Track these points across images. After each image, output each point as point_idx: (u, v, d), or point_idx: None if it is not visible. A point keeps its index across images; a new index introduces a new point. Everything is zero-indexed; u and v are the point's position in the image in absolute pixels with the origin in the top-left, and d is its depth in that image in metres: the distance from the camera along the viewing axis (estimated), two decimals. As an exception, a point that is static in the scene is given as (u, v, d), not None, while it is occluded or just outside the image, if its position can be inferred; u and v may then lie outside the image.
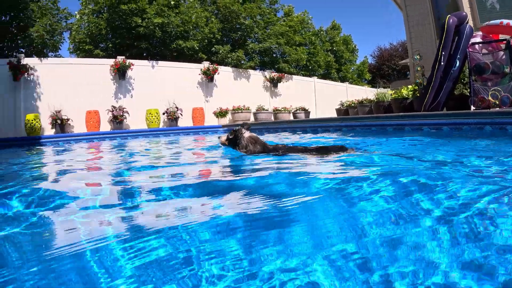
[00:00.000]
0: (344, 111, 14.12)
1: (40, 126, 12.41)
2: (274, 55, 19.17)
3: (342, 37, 25.84)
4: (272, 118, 16.40)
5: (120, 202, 2.06)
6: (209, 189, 2.32)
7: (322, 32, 24.64)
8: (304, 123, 11.41)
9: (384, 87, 22.66)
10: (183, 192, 2.19)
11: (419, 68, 9.57)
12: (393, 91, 9.96)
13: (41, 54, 15.55)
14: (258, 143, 3.46)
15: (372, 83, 28.86)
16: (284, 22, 20.81)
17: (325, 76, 22.92)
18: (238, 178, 2.75)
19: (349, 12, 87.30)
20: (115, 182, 2.87)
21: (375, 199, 1.76)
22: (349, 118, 10.44)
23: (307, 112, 17.31)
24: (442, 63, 7.46)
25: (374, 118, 8.36)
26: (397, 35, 63.25)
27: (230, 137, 3.57)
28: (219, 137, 3.91)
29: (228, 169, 3.28)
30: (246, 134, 3.49)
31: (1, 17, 15.31)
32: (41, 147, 10.07)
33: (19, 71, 12.51)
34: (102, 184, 2.77)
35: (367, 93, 21.31)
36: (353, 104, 13.03)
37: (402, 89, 9.39)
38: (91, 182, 2.91)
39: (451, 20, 7.44)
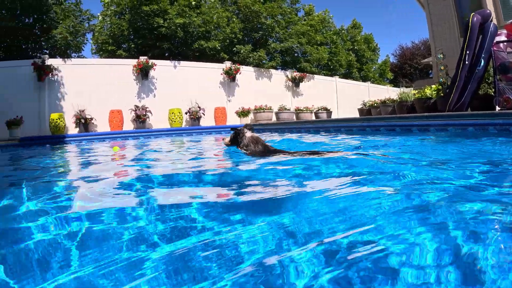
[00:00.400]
0: (367, 111, 13.81)
1: (64, 125, 12.58)
2: (296, 54, 18.94)
3: (363, 36, 25.38)
4: (294, 118, 16.18)
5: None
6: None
7: (343, 31, 24.25)
8: (327, 123, 11.17)
9: (406, 87, 22.16)
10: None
11: (442, 67, 9.26)
12: (417, 91, 9.79)
13: (65, 55, 15.76)
14: (259, 143, 3.51)
15: (394, 83, 28.27)
16: (305, 21, 20.55)
17: (347, 76, 22.52)
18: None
19: (370, 10, 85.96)
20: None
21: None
22: (372, 118, 10.14)
23: (329, 112, 17.00)
24: (466, 62, 7.21)
25: (398, 118, 8.13)
26: (419, 33, 61.96)
27: (233, 137, 3.72)
28: (223, 139, 4.08)
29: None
30: (248, 134, 3.60)
31: (25, 20, 15.60)
32: (65, 145, 10.22)
33: (43, 72, 12.69)
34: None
35: (389, 92, 20.87)
36: (375, 104, 12.76)
37: (426, 89, 9.19)
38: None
39: (475, 19, 7.17)
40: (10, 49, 15.67)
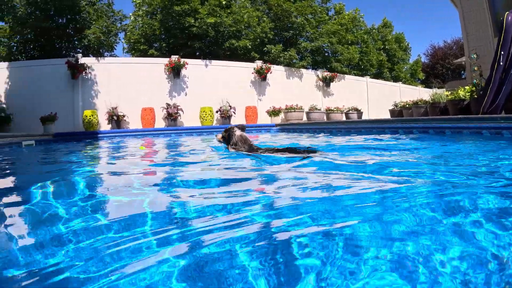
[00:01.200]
0: (398, 112, 13.45)
1: (97, 122, 12.80)
2: (326, 54, 18.59)
3: (394, 35, 24.72)
4: (325, 118, 15.87)
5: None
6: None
7: (374, 30, 23.66)
8: (358, 123, 10.85)
9: (438, 87, 21.43)
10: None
11: (476, 68, 8.81)
12: (449, 92, 9.45)
13: (98, 54, 16.05)
14: (246, 143, 3.71)
15: (426, 83, 27.42)
16: (335, 20, 20.17)
17: (378, 76, 21.96)
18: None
19: (401, 9, 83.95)
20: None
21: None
22: (404, 119, 9.78)
23: (359, 113, 16.58)
24: (501, 64, 6.80)
25: (430, 120, 7.86)
26: (451, 32, 59.94)
27: (225, 134, 3.94)
28: (216, 135, 4.29)
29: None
30: (238, 132, 3.80)
31: (59, 20, 15.95)
32: (97, 141, 10.44)
33: (77, 70, 12.96)
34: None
35: (421, 93, 20.29)
36: (407, 105, 12.42)
37: (459, 90, 8.83)
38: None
39: (509, 18, 6.76)
40: (45, 48, 16.05)
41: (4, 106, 12.54)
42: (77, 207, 1.82)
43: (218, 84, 14.48)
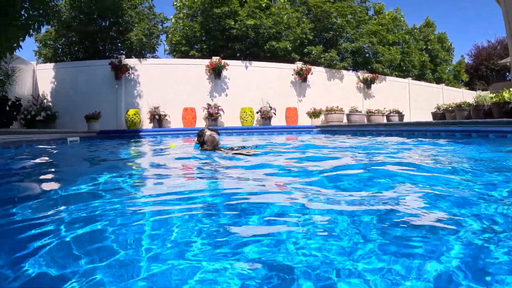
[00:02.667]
0: (441, 115, 12.94)
1: (140, 121, 13.06)
2: (367, 55, 18.10)
3: (436, 35, 23.75)
4: (365, 120, 15.48)
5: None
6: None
7: (415, 30, 22.83)
8: (399, 126, 10.49)
9: (482, 90, 20.44)
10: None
11: None
12: (494, 94, 9.05)
13: (140, 55, 16.38)
14: (212, 143, 4.19)
15: (469, 85, 26.18)
16: (375, 20, 19.63)
17: (420, 77, 21.15)
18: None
19: (443, 7, 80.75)
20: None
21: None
22: (446, 122, 9.33)
23: (401, 115, 16.02)
24: None
25: (473, 123, 7.62)
26: (495, 31, 57.02)
27: (198, 135, 4.39)
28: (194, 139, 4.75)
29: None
30: (208, 133, 4.25)
31: (102, 23, 16.43)
32: (139, 139, 10.72)
33: (120, 71, 13.27)
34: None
35: (464, 95, 19.43)
36: (450, 108, 11.91)
37: (504, 92, 8.36)
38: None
39: None
40: (89, 50, 16.56)
41: (50, 104, 13.03)
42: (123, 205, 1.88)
43: (258, 85, 14.43)
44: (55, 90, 13.80)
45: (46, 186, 2.64)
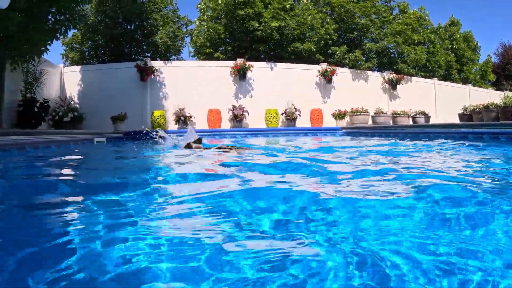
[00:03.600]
0: (468, 116, 12.63)
1: (165, 122, 13.26)
2: (392, 55, 17.80)
3: (462, 34, 23.12)
4: (391, 122, 15.22)
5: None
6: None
7: (440, 29, 22.30)
8: (425, 128, 10.29)
9: (510, 90, 19.83)
10: None
11: None
12: None
13: (165, 58, 16.58)
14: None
15: (496, 85, 25.40)
16: (400, 20, 19.29)
17: (446, 77, 20.65)
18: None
19: (468, 5, 78.45)
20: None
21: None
22: (473, 124, 9.09)
23: (427, 117, 15.69)
24: None
25: (501, 125, 7.30)
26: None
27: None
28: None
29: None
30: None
31: (127, 26, 16.72)
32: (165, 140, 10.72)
33: (145, 73, 13.46)
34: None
35: (491, 96, 18.88)
36: (477, 109, 11.59)
37: None
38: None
39: None
40: (115, 53, 16.85)
41: (77, 106, 13.31)
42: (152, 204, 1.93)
43: (283, 87, 14.41)
44: (82, 92, 14.13)
45: (76, 184, 2.76)
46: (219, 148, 4.72)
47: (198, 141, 5.17)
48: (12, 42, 8.19)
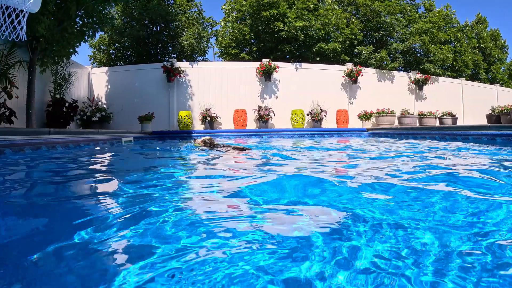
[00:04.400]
0: (496, 118, 12.34)
1: (191, 122, 13.41)
2: (418, 54, 17.51)
3: (489, 32, 22.57)
4: (417, 123, 14.99)
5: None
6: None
7: (467, 28, 21.82)
8: (452, 130, 10.04)
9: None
10: None
11: None
12: None
13: (191, 59, 16.82)
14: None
15: (525, 85, 24.69)
16: (425, 18, 18.97)
17: (473, 77, 20.20)
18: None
19: (494, 2, 75.87)
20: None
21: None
22: (501, 126, 8.81)
23: (454, 118, 15.40)
24: None
25: None
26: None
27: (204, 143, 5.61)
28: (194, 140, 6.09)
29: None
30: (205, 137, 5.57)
31: (153, 28, 17.00)
32: (191, 139, 10.87)
33: (172, 74, 13.66)
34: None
35: (520, 97, 18.31)
36: (506, 110, 11.30)
37: None
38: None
39: None
40: (141, 54, 17.19)
41: (104, 106, 13.63)
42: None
43: (309, 87, 14.39)
44: (109, 92, 14.47)
45: (107, 182, 2.88)
46: (223, 146, 5.42)
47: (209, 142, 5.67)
48: (42, 45, 8.53)
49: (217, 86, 14.16)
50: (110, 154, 6.05)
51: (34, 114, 8.85)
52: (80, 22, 9.34)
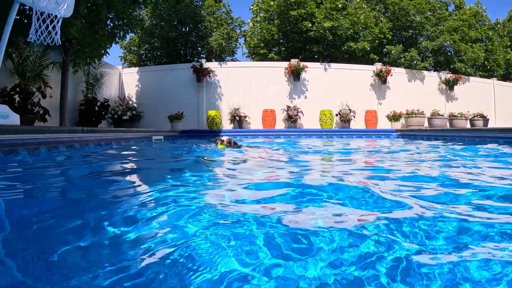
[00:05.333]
0: None
1: (220, 121, 13.64)
2: (449, 53, 17.17)
3: (522, 30, 21.81)
4: (448, 124, 14.72)
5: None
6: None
7: (499, 25, 21.19)
8: (483, 132, 9.77)
9: None
10: None
11: None
12: None
13: (220, 59, 17.09)
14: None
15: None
16: (456, 16, 18.57)
17: (505, 77, 19.64)
18: None
19: None
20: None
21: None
22: None
23: (485, 120, 15.08)
24: None
25: None
26: None
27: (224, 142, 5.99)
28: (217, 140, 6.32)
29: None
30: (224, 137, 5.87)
31: (182, 29, 17.35)
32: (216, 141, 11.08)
33: (201, 74, 13.93)
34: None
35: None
36: None
37: None
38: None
39: None
40: (171, 54, 17.58)
41: (135, 105, 14.04)
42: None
43: (337, 87, 14.39)
44: (140, 92, 14.88)
45: (139, 178, 3.10)
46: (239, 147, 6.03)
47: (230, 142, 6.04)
48: (74, 47, 8.91)
49: (246, 86, 14.34)
50: (141, 152, 6.30)
51: (67, 113, 9.24)
52: (111, 24, 9.72)
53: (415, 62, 15.73)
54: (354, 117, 13.56)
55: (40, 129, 6.01)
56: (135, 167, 4.09)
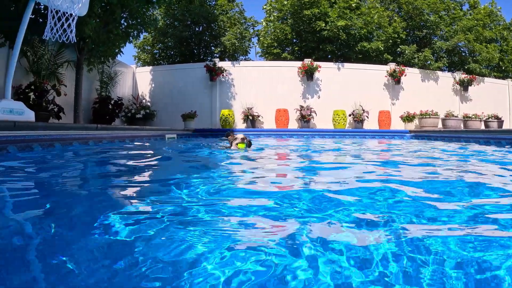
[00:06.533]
0: None
1: (233, 120, 13.76)
2: (463, 54, 17.01)
3: (537, 30, 21.47)
4: (462, 126, 14.60)
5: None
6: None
7: (514, 25, 20.88)
8: (498, 134, 9.69)
9: None
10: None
11: None
12: None
13: (233, 58, 17.19)
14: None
15: None
16: (470, 16, 18.38)
17: (520, 78, 19.36)
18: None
19: None
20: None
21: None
22: None
23: (500, 121, 14.92)
24: None
25: None
26: None
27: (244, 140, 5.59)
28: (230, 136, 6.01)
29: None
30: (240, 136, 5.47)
31: (195, 28, 17.47)
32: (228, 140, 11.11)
33: (214, 73, 14.03)
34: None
35: None
36: None
37: None
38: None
39: None
40: (184, 54, 17.72)
41: (148, 104, 14.21)
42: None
43: (351, 87, 14.40)
44: (153, 90, 15.05)
45: (152, 175, 3.16)
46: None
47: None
48: (88, 45, 9.06)
49: (259, 85, 14.41)
50: (154, 150, 6.35)
51: (81, 111, 9.41)
52: (125, 24, 9.88)
53: (429, 62, 15.63)
54: (367, 117, 13.56)
55: (56, 126, 6.07)
56: (149, 164, 4.12)
